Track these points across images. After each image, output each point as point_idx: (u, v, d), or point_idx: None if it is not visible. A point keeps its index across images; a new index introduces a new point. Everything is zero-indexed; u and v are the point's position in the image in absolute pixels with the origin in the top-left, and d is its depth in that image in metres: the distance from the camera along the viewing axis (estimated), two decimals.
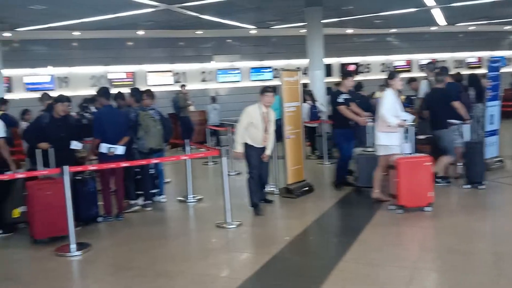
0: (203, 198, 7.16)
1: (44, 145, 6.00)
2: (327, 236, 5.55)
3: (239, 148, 6.03)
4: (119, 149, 6.07)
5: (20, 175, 5.29)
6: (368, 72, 19.20)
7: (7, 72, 13.91)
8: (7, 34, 13.88)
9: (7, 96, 10.41)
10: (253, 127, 5.99)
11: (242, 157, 6.13)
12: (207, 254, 4.81)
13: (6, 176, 5.24)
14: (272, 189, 7.10)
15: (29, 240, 5.31)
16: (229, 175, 6.04)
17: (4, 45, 13.95)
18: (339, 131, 7.11)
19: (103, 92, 6.52)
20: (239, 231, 5.54)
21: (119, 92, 7.34)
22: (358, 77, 12.40)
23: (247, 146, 6.04)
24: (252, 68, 18.33)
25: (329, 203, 6.55)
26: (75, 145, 6.22)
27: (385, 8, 13.81)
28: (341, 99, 6.92)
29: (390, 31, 19.12)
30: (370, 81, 14.82)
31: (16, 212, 5.65)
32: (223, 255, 4.90)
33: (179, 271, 4.37)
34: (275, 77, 17.84)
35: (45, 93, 8.43)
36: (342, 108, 6.86)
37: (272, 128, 6.13)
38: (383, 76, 9.15)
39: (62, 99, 6.19)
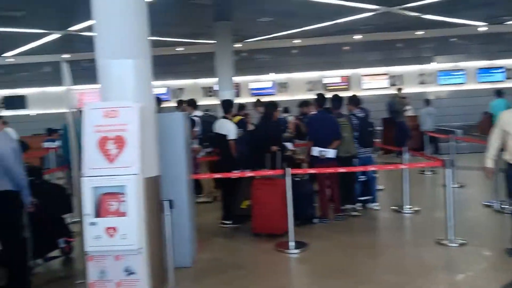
0: (420, 210, 6.81)
1: (274, 147, 6.61)
2: None
3: (489, 163, 4.98)
4: (330, 153, 6.28)
5: (249, 173, 5.93)
6: None
7: (236, 79, 15.79)
8: (238, 45, 15.76)
9: (236, 101, 11.79)
10: (510, 138, 4.80)
11: (491, 175, 5.11)
12: (427, 272, 4.56)
13: (236, 174, 5.96)
14: None
15: (252, 233, 5.92)
16: (452, 187, 5.60)
17: (235, 55, 15.88)
18: None
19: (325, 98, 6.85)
20: (462, 251, 5.09)
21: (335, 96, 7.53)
22: None
23: (508, 165, 4.87)
24: (480, 68, 16.60)
25: None
26: (288, 146, 6.70)
27: None
28: None
29: None
30: None
31: (245, 203, 6.31)
32: (444, 275, 4.57)
33: (398, 284, 4.27)
34: (508, 78, 15.78)
35: (258, 100, 9.29)
36: None
37: None
38: None
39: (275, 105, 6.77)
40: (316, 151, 6.32)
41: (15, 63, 16.83)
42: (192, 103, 8.54)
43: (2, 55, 15.47)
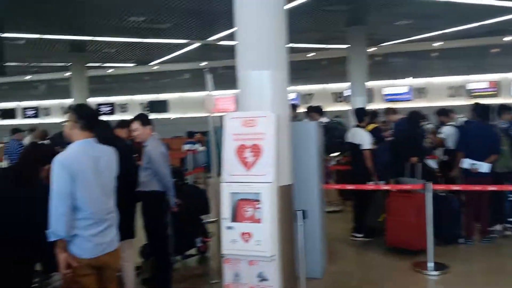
0: None
1: (414, 159, 6.31)
2: None
3: None
4: (484, 167, 5.75)
5: (385, 187, 5.74)
6: None
7: (369, 84, 15.43)
8: (372, 49, 15.40)
9: (369, 107, 11.51)
10: None
11: None
12: None
13: (371, 186, 5.81)
14: None
15: (384, 248, 5.71)
16: None
17: (369, 59, 15.54)
18: None
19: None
20: None
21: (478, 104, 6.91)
22: None
23: None
24: None
25: None
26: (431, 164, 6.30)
27: None
28: None
29: None
30: None
31: (382, 217, 6.12)
32: None
33: None
34: None
35: (390, 108, 8.84)
36: None
37: None
38: None
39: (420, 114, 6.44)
40: (467, 163, 5.87)
41: (159, 71, 18.57)
42: (317, 110, 8.46)
43: (149, 64, 17.19)
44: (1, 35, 4.98)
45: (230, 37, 10.70)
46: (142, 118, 4.75)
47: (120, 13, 9.36)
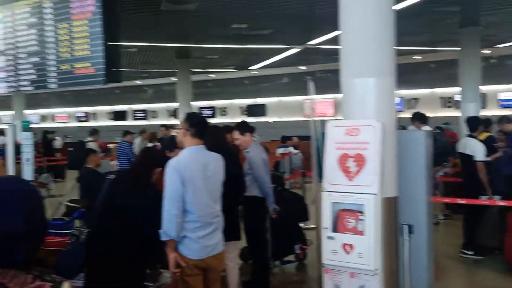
0: None
1: None
2: None
3: None
4: None
5: (500, 203, 5.35)
6: None
7: (483, 88, 14.41)
8: (486, 51, 14.37)
9: (482, 113, 10.73)
10: None
11: None
12: None
13: (485, 201, 5.45)
14: None
15: (502, 267, 5.32)
16: None
17: (482, 62, 14.52)
18: None
19: None
20: None
21: None
22: None
23: None
24: None
25: None
26: None
27: None
28: None
29: None
30: None
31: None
32: None
33: None
34: None
35: (505, 116, 8.05)
36: None
37: None
38: None
39: None
40: None
41: (258, 75, 19.00)
42: (420, 117, 7.80)
43: (248, 68, 17.68)
44: (118, 44, 5.44)
45: (331, 41, 10.66)
46: (240, 127, 4.90)
47: (224, 22, 9.76)
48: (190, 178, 3.13)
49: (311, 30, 11.05)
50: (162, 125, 10.63)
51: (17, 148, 6.97)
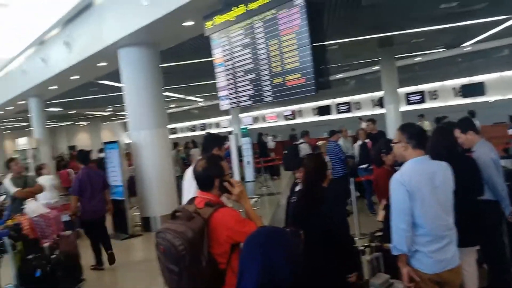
0: None
1: None
2: None
3: None
4: None
5: None
6: None
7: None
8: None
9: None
10: None
11: None
12: None
13: None
14: None
15: None
16: None
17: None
18: None
19: None
20: None
21: None
22: None
23: None
24: None
25: None
26: None
27: None
28: None
29: None
30: None
31: None
32: None
33: None
34: None
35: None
36: None
37: None
38: None
39: None
40: None
41: (472, 51, 17.40)
42: None
43: (461, 45, 16.33)
44: (324, 50, 5.70)
45: None
46: (460, 125, 4.62)
47: (431, 3, 9.31)
48: (417, 191, 3.11)
49: None
50: (369, 120, 10.45)
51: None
